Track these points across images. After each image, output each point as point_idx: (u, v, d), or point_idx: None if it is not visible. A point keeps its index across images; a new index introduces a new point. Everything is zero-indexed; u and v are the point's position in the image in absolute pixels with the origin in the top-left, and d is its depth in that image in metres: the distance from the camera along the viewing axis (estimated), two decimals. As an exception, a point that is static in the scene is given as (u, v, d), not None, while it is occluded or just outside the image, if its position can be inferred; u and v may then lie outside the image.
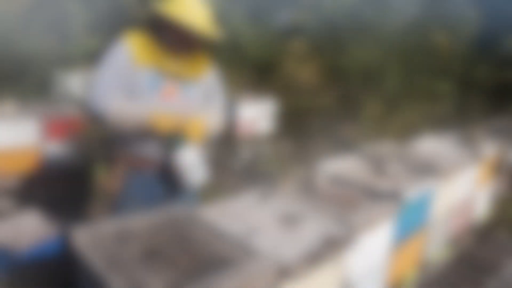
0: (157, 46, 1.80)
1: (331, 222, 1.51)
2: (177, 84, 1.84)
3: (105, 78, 1.74)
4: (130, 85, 1.75)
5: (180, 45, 1.80)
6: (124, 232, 1.32)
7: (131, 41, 1.77)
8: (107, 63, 1.76)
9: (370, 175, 2.14)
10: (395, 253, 1.90)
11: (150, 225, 1.39)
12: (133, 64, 1.75)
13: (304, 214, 1.58)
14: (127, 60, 1.74)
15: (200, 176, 1.79)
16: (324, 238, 1.37)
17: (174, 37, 1.78)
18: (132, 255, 1.17)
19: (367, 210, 1.66)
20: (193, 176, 1.77)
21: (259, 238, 1.34)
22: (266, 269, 1.11)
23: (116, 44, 1.77)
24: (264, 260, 1.15)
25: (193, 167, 1.76)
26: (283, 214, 1.58)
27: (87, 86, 1.88)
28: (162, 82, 1.80)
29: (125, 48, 1.75)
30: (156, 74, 1.78)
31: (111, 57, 1.77)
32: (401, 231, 1.95)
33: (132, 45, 1.76)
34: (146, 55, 1.77)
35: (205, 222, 1.45)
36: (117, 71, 1.74)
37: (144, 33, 1.81)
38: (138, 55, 1.75)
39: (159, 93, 1.79)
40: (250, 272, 1.08)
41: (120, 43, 1.77)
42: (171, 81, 1.82)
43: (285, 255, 1.23)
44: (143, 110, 1.72)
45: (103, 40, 4.26)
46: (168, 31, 1.78)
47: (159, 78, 1.79)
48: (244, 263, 1.13)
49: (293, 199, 1.77)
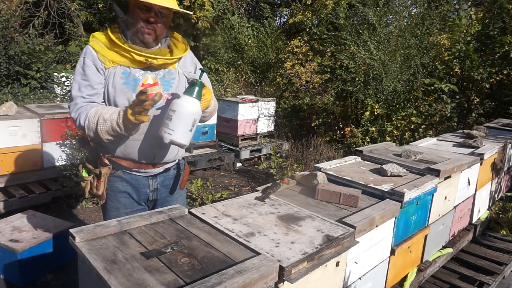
0: (125, 39, 1.66)
1: (331, 222, 1.51)
2: (157, 74, 1.71)
3: (76, 91, 1.65)
4: (109, 85, 1.65)
5: (146, 25, 1.63)
6: (124, 232, 1.32)
7: (97, 44, 1.66)
8: (78, 74, 1.67)
9: (370, 175, 2.13)
10: (395, 253, 1.90)
11: (150, 225, 1.39)
12: (104, 65, 1.65)
13: (304, 214, 1.58)
14: (96, 63, 1.64)
15: (183, 138, 1.55)
16: (324, 238, 1.37)
17: (136, 17, 1.62)
18: (132, 255, 1.17)
19: (367, 210, 1.66)
20: (180, 130, 1.53)
21: (259, 238, 1.34)
22: (266, 269, 1.11)
23: (83, 52, 1.67)
24: (265, 260, 1.15)
25: (186, 121, 1.54)
26: (283, 214, 1.57)
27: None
28: (140, 75, 1.68)
29: (91, 53, 1.65)
30: (130, 69, 1.67)
31: (79, 66, 1.67)
32: (401, 231, 1.95)
33: (99, 47, 1.65)
34: (116, 54, 1.65)
35: (205, 222, 1.45)
36: (89, 78, 1.64)
37: (110, 31, 1.68)
38: (106, 54, 1.64)
39: (139, 85, 1.67)
40: (250, 272, 1.08)
41: (86, 49, 1.67)
42: (149, 72, 1.69)
43: (285, 255, 1.23)
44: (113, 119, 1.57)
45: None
46: (130, 14, 1.64)
47: (136, 72, 1.67)
48: (244, 263, 1.13)
49: (293, 199, 1.77)
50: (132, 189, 1.78)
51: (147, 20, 1.62)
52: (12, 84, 5.91)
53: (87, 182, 1.74)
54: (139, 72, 1.68)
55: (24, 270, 2.55)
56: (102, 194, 1.74)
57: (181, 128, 1.53)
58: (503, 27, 5.29)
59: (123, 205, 1.78)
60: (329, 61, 7.40)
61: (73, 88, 1.68)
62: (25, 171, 3.72)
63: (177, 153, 1.83)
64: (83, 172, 1.77)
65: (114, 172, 1.75)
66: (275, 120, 6.78)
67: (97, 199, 1.80)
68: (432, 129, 5.38)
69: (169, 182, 1.87)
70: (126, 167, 1.75)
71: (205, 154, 5.47)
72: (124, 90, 1.65)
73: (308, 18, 9.13)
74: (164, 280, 1.05)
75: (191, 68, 1.86)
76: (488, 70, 5.14)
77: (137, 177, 1.77)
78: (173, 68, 1.77)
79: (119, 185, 1.77)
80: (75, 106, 1.65)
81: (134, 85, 1.66)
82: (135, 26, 1.64)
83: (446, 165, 2.26)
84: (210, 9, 9.34)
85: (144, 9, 1.61)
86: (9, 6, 6.87)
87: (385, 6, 5.73)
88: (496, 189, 3.32)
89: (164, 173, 1.83)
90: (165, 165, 1.82)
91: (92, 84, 1.65)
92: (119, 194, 1.78)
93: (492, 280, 2.45)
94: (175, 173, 1.88)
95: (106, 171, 1.72)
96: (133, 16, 1.64)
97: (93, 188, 1.74)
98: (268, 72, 9.20)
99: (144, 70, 1.69)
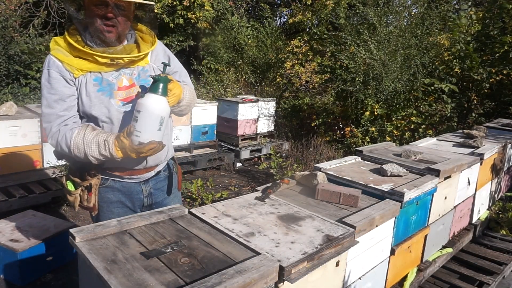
0: (85, 42, 1.51)
1: (331, 222, 1.51)
2: (131, 74, 1.60)
3: (47, 108, 1.51)
4: (82, 95, 1.53)
5: (104, 22, 1.48)
6: (124, 232, 1.32)
7: (59, 52, 1.51)
8: (44, 88, 1.52)
9: (370, 175, 2.13)
10: (395, 253, 1.90)
11: (150, 225, 1.39)
12: (73, 75, 1.51)
13: (304, 214, 1.58)
14: (63, 74, 1.50)
15: (152, 138, 1.47)
16: (324, 238, 1.37)
17: (93, 15, 1.47)
18: (132, 255, 1.17)
19: (367, 210, 1.66)
20: (147, 131, 1.46)
21: (259, 238, 1.34)
22: (266, 269, 1.11)
23: (46, 63, 1.51)
24: (265, 260, 1.15)
25: (153, 121, 1.47)
26: (283, 214, 1.57)
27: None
28: (114, 78, 1.56)
29: (55, 64, 1.50)
30: (101, 74, 1.54)
31: (45, 80, 1.52)
32: (401, 231, 1.95)
33: (63, 55, 1.50)
34: (81, 60, 1.50)
35: (205, 222, 1.45)
36: (58, 91, 1.50)
37: (68, 34, 1.52)
38: (72, 62, 1.50)
39: (116, 89, 1.56)
40: (250, 272, 1.08)
41: (48, 60, 1.51)
42: (123, 73, 1.58)
43: (285, 255, 1.23)
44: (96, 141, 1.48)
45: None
46: (86, 13, 1.51)
47: (108, 76, 1.55)
48: (244, 263, 1.13)
49: (293, 199, 1.77)
50: (125, 197, 1.70)
51: (105, 16, 1.46)
52: (12, 84, 5.91)
53: (75, 196, 1.62)
54: (112, 76, 1.55)
55: (24, 270, 2.55)
56: (94, 206, 1.64)
57: (149, 128, 1.45)
58: (503, 27, 5.29)
59: (117, 216, 1.60)
60: (329, 61, 7.41)
61: (43, 105, 1.53)
62: (25, 171, 3.73)
63: (167, 153, 1.76)
64: (69, 185, 1.63)
65: (104, 182, 1.65)
66: (275, 120, 6.78)
67: (89, 211, 1.69)
68: (432, 129, 5.38)
69: (161, 184, 1.81)
70: (117, 176, 1.65)
71: (205, 154, 5.47)
72: (100, 97, 1.53)
73: (308, 18, 9.13)
74: (164, 280, 1.05)
75: (165, 60, 1.70)
76: (488, 70, 5.14)
77: (129, 184, 1.69)
78: (146, 64, 1.64)
79: (111, 195, 1.67)
80: (50, 131, 1.53)
81: (110, 90, 1.54)
82: (93, 25, 1.48)
83: (446, 165, 2.26)
84: (210, 9, 9.35)
85: (100, 5, 1.45)
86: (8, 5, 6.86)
87: (385, 6, 5.73)
88: (496, 189, 3.32)
89: (156, 176, 1.77)
90: (157, 167, 1.76)
91: (63, 97, 1.51)
92: (112, 205, 1.69)
93: (492, 280, 2.45)
94: (166, 175, 1.83)
95: (96, 181, 1.61)
96: (90, 15, 1.48)
97: (84, 201, 1.63)
98: (268, 72, 9.20)
99: (117, 72, 1.57)
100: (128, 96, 1.58)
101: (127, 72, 1.59)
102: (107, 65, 1.53)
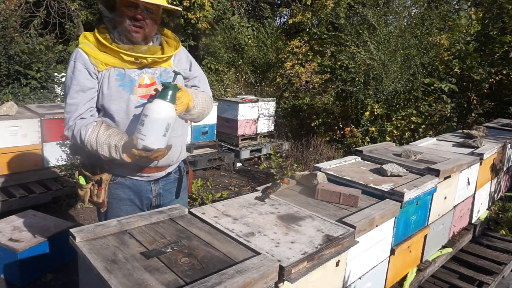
0: (113, 39, 1.60)
1: (331, 222, 1.52)
2: (154, 73, 1.67)
3: (69, 98, 1.59)
4: (104, 88, 1.59)
5: (133, 22, 1.57)
6: (124, 232, 1.32)
7: (87, 46, 1.59)
8: (68, 79, 1.60)
9: (370, 175, 2.14)
10: (395, 253, 1.90)
11: (150, 225, 1.39)
12: (97, 68, 1.58)
13: (304, 214, 1.58)
14: (88, 67, 1.58)
15: (156, 143, 1.50)
16: (324, 238, 1.37)
17: (123, 15, 1.57)
18: (132, 255, 1.17)
19: (367, 210, 1.67)
20: (152, 135, 1.48)
21: (259, 238, 1.34)
22: (266, 269, 1.11)
23: (73, 55, 1.60)
24: (265, 260, 1.15)
25: (159, 126, 1.49)
26: (283, 214, 1.58)
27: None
28: (136, 76, 1.63)
29: (82, 57, 1.58)
30: (125, 70, 1.61)
31: (70, 71, 1.60)
32: (401, 231, 1.95)
33: (90, 49, 1.58)
34: (107, 55, 1.59)
35: (205, 222, 1.45)
36: (80, 83, 1.58)
37: (98, 31, 1.61)
38: (98, 56, 1.58)
39: (136, 86, 1.62)
40: (250, 272, 1.08)
41: (76, 52, 1.60)
42: (146, 72, 1.65)
43: (285, 255, 1.23)
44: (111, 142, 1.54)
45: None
46: (117, 13, 1.59)
47: (131, 72, 1.62)
48: (244, 263, 1.13)
49: (293, 199, 1.78)
50: (135, 195, 1.73)
51: (134, 17, 1.56)
52: (12, 84, 5.91)
53: (86, 190, 1.67)
54: (135, 73, 1.63)
55: (24, 270, 2.55)
56: (103, 201, 1.68)
57: (154, 133, 1.48)
58: (502, 27, 5.30)
59: (126, 213, 1.69)
60: (329, 61, 7.41)
61: (65, 94, 1.62)
62: (25, 171, 3.73)
63: (179, 154, 1.80)
64: (81, 179, 1.69)
65: (115, 179, 1.70)
66: (275, 120, 6.78)
67: (98, 206, 1.73)
68: (432, 129, 5.39)
69: (170, 186, 1.83)
70: (128, 172, 1.70)
71: (205, 154, 5.48)
72: (121, 92, 1.60)
73: (308, 18, 9.14)
74: (164, 280, 1.05)
75: (187, 65, 1.81)
76: (488, 70, 5.14)
77: (139, 182, 1.72)
78: (168, 66, 1.72)
79: (120, 192, 1.71)
80: (67, 123, 1.60)
81: (131, 86, 1.61)
82: (122, 24, 1.58)
83: (446, 165, 2.26)
84: (210, 10, 9.35)
85: (130, 7, 1.55)
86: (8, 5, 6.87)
87: (385, 6, 5.73)
88: (495, 189, 3.32)
89: (166, 177, 1.80)
90: (168, 168, 1.79)
91: (84, 89, 1.59)
92: (121, 202, 1.72)
93: (492, 279, 2.45)
94: (176, 177, 1.85)
95: (106, 177, 1.67)
96: (120, 15, 1.58)
97: (93, 196, 1.68)
98: (268, 72, 9.21)
99: (140, 70, 1.64)
100: (147, 93, 1.64)
101: (149, 71, 1.67)
102: (131, 62, 1.60)
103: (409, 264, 2.15)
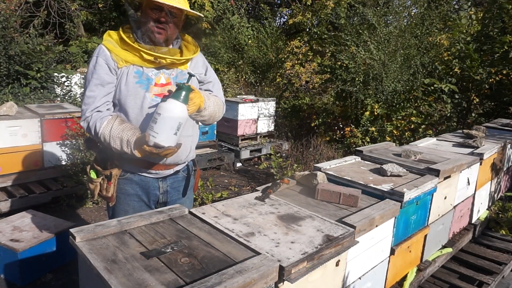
0: (135, 39, 1.68)
1: (331, 222, 1.52)
2: (170, 74, 1.74)
3: (88, 91, 1.66)
4: (121, 84, 1.66)
5: (156, 24, 1.65)
6: (124, 232, 1.32)
7: (110, 43, 1.67)
8: (89, 73, 1.68)
9: (370, 175, 2.14)
10: (395, 253, 1.90)
11: (150, 225, 1.39)
12: (117, 64, 1.66)
13: (304, 214, 1.58)
14: (108, 62, 1.65)
15: (167, 141, 1.55)
16: (324, 238, 1.37)
17: (147, 17, 1.65)
18: (132, 255, 1.18)
19: (367, 210, 1.67)
20: (164, 133, 1.53)
21: (259, 238, 1.34)
22: (266, 269, 1.11)
23: (96, 51, 1.69)
24: (265, 260, 1.15)
25: (171, 125, 1.54)
26: (283, 214, 1.58)
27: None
28: (153, 75, 1.70)
29: (104, 52, 1.66)
30: (143, 68, 1.68)
31: (92, 65, 1.67)
32: (401, 231, 1.95)
33: (112, 46, 1.66)
34: (129, 53, 1.66)
35: (205, 222, 1.46)
36: (100, 77, 1.65)
37: (122, 31, 1.70)
38: (119, 53, 1.66)
39: (153, 84, 1.69)
40: (250, 272, 1.08)
41: (99, 48, 1.68)
42: (162, 72, 1.72)
43: (285, 255, 1.23)
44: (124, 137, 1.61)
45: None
46: (142, 14, 1.69)
47: (149, 71, 1.69)
48: (244, 263, 1.13)
49: (293, 199, 1.78)
50: (142, 191, 1.78)
51: (158, 19, 1.65)
52: (12, 84, 5.91)
53: (96, 184, 1.73)
54: (152, 72, 1.70)
55: (24, 270, 2.55)
56: (112, 196, 1.74)
57: (166, 131, 1.53)
58: (502, 27, 5.29)
59: (132, 209, 1.77)
60: (329, 61, 7.41)
61: (85, 87, 1.70)
62: (25, 171, 3.73)
63: (188, 154, 1.83)
64: (92, 173, 1.76)
65: (124, 174, 1.75)
66: (275, 120, 6.78)
67: (106, 201, 1.79)
68: (432, 129, 5.39)
69: (178, 184, 1.86)
70: (137, 168, 1.74)
71: (205, 154, 5.48)
72: (137, 89, 1.67)
73: (308, 18, 9.14)
74: (164, 280, 1.05)
75: (202, 70, 1.88)
76: (488, 70, 5.14)
77: (147, 179, 1.77)
78: (185, 69, 1.79)
79: (129, 187, 1.76)
80: (84, 114, 1.67)
81: (147, 84, 1.68)
82: (146, 25, 1.66)
83: (446, 165, 2.26)
84: (210, 10, 9.35)
85: (155, 9, 1.64)
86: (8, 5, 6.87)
87: (385, 6, 5.73)
88: (495, 189, 3.32)
89: (174, 175, 1.84)
90: (176, 166, 1.82)
91: (103, 83, 1.66)
92: (129, 197, 1.77)
93: (492, 279, 2.45)
94: (184, 176, 1.89)
95: (116, 172, 1.73)
96: (145, 16, 1.67)
97: (103, 190, 1.74)
98: (268, 72, 9.20)
99: (158, 70, 1.71)
100: (162, 92, 1.70)
101: (166, 72, 1.73)
102: (150, 62, 1.67)
103: (409, 264, 2.15)
